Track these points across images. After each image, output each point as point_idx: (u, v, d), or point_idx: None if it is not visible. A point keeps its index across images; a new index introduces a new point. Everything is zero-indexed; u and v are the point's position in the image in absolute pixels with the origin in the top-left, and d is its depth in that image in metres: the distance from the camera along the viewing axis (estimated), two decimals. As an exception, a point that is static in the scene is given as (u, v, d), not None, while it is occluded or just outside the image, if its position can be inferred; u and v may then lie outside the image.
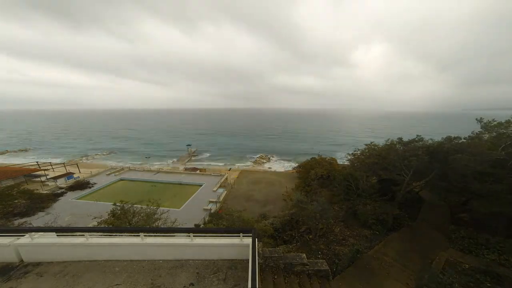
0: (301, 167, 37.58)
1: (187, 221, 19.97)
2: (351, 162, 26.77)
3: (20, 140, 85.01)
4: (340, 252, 12.63)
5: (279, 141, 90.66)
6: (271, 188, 32.75)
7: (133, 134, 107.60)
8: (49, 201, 24.43)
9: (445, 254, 12.57)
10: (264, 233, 14.63)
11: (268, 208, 25.64)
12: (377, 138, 35.22)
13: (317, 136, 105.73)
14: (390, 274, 10.95)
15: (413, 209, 19.06)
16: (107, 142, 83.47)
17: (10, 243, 5.11)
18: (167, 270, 5.05)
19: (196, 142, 79.40)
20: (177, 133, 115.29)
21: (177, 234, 6.20)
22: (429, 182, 18.49)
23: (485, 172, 14.15)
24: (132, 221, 12.50)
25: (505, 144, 15.67)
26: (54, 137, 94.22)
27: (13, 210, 19.98)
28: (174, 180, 33.76)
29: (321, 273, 8.09)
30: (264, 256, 7.18)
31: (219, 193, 28.66)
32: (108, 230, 7.26)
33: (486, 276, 10.08)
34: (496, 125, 17.16)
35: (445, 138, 17.59)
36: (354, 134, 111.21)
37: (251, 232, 5.31)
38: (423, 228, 16.09)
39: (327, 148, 70.65)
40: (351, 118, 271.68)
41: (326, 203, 15.28)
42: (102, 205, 22.84)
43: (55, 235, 5.60)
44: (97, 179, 33.13)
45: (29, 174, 34.42)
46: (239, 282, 4.76)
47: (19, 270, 4.93)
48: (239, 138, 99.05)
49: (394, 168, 18.64)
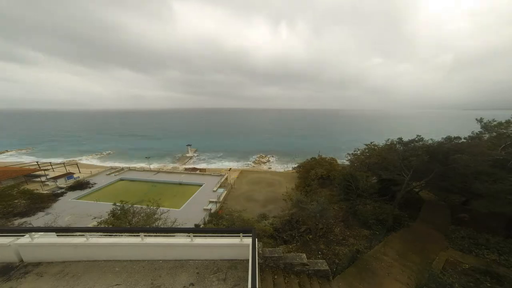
0: (301, 167, 37.58)
1: (187, 221, 19.95)
2: (351, 162, 26.80)
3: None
4: (340, 252, 12.63)
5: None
6: (271, 188, 32.74)
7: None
8: (49, 201, 24.40)
9: (445, 254, 12.57)
10: (264, 233, 14.63)
11: (268, 208, 25.64)
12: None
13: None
14: (390, 274, 10.95)
15: (413, 209, 19.07)
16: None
17: (10, 243, 5.11)
18: (167, 270, 5.04)
19: (196, 142, 79.47)
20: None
21: (177, 234, 6.20)
22: (429, 182, 18.49)
23: (485, 172, 14.15)
24: (132, 221, 12.50)
25: (505, 144, 15.66)
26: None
27: (13, 210, 19.95)
28: (174, 180, 33.72)
29: (321, 273, 8.09)
30: (264, 256, 7.17)
31: (219, 193, 28.63)
32: (108, 230, 7.27)
33: (486, 276, 10.08)
34: (496, 125, 17.15)
35: (445, 138, 17.60)
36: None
37: (251, 232, 5.30)
38: (423, 228, 16.09)
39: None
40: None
41: (326, 203, 15.28)
42: (102, 205, 22.82)
43: (55, 235, 5.60)
44: (97, 179, 33.10)
45: (29, 174, 34.39)
46: (239, 282, 4.76)
47: (19, 270, 4.92)
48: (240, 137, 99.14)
49: (394, 168, 18.65)
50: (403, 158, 17.45)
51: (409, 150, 17.63)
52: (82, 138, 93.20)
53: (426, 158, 15.93)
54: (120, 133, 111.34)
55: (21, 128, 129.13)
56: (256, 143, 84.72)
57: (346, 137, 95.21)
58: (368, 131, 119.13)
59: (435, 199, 21.62)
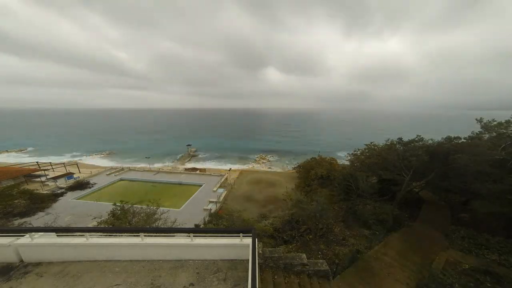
0: (301, 167, 37.59)
1: (187, 221, 19.96)
2: (351, 162, 26.79)
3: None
4: (340, 252, 12.62)
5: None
6: (271, 188, 32.74)
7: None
8: (49, 201, 24.39)
9: (445, 254, 12.57)
10: (264, 233, 14.64)
11: (268, 208, 25.65)
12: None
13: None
14: (390, 274, 10.96)
15: (413, 209, 19.08)
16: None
17: (10, 243, 5.11)
18: (167, 270, 5.04)
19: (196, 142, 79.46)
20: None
21: (177, 234, 6.20)
22: (429, 182, 18.50)
23: (485, 172, 14.15)
24: (132, 221, 12.50)
25: (505, 144, 15.65)
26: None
27: (13, 210, 19.95)
28: (174, 180, 33.74)
29: (321, 273, 8.10)
30: (264, 256, 7.18)
31: (219, 193, 28.63)
32: (108, 230, 7.27)
33: (486, 276, 10.08)
34: (496, 125, 17.14)
35: (445, 138, 17.61)
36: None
37: (251, 232, 5.30)
38: (423, 228, 16.09)
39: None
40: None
41: (326, 203, 15.29)
42: (102, 205, 22.82)
43: (55, 235, 5.59)
44: (97, 179, 33.11)
45: (29, 174, 34.39)
46: (239, 282, 4.76)
47: (19, 270, 4.92)
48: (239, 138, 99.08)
49: (394, 168, 18.65)
50: (403, 158, 17.46)
51: (409, 150, 17.64)
52: (83, 138, 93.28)
53: (426, 158, 15.94)
54: (120, 133, 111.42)
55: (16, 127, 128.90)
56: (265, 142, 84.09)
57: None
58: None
59: (435, 199, 21.61)
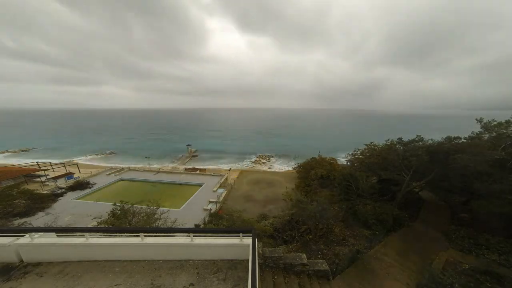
0: (301, 167, 37.58)
1: (187, 221, 19.94)
2: (351, 162, 26.79)
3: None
4: (340, 252, 12.62)
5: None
6: (271, 188, 32.74)
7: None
8: (49, 201, 24.37)
9: (445, 254, 12.58)
10: (264, 233, 14.64)
11: (268, 208, 25.64)
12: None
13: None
14: (390, 274, 10.97)
15: (413, 209, 19.07)
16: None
17: (10, 243, 5.12)
18: (167, 270, 5.05)
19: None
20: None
21: (177, 234, 6.20)
22: (429, 182, 18.48)
23: (485, 172, 14.15)
24: (132, 221, 12.48)
25: (505, 144, 15.65)
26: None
27: (13, 210, 19.94)
28: (174, 180, 33.72)
29: (321, 273, 8.10)
30: (264, 256, 7.18)
31: (219, 193, 28.62)
32: (108, 230, 7.26)
33: (486, 276, 10.07)
34: (496, 125, 17.14)
35: (445, 138, 17.59)
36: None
37: (251, 232, 5.31)
38: (423, 228, 16.10)
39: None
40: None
41: (326, 203, 15.28)
42: (102, 205, 22.80)
43: (55, 235, 5.60)
44: (97, 179, 33.10)
45: (29, 174, 34.38)
46: (239, 282, 4.76)
47: (19, 270, 4.93)
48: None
49: (394, 168, 18.65)
50: (403, 158, 17.45)
51: (409, 150, 17.63)
52: (83, 138, 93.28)
53: (426, 158, 15.93)
54: (120, 133, 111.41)
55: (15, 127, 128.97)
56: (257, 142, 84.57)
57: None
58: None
59: (435, 199, 21.60)
